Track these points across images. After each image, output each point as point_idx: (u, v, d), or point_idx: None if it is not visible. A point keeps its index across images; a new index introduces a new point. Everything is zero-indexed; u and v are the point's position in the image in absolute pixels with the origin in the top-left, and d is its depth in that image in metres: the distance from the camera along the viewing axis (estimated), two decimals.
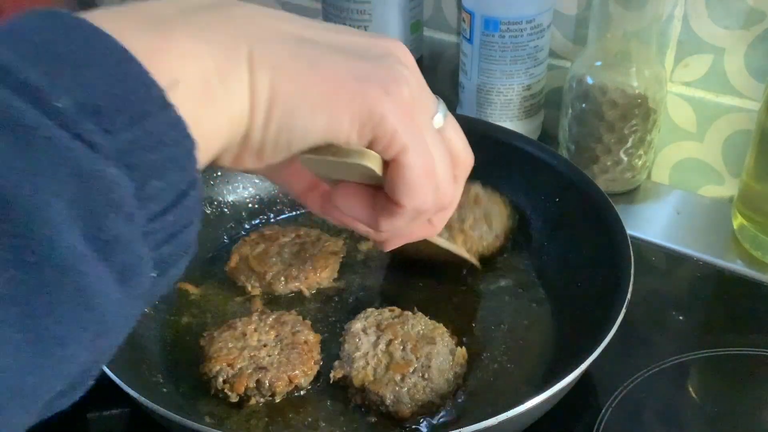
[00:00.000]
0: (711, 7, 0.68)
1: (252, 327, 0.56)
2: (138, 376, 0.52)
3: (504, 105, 0.74)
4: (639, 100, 0.68)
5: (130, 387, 0.46)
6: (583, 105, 0.70)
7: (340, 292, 0.63)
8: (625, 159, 0.71)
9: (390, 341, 0.54)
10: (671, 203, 0.74)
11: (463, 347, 0.55)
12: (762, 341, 0.59)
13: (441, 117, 0.38)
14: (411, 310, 0.57)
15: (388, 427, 0.51)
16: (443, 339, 0.55)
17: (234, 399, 0.52)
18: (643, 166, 0.73)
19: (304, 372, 0.53)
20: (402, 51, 0.36)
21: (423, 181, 0.35)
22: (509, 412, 0.44)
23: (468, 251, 0.61)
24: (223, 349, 0.54)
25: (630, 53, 0.67)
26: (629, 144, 0.70)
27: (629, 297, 0.51)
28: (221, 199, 0.68)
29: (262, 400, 0.53)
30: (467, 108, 0.76)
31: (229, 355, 0.54)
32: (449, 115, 0.39)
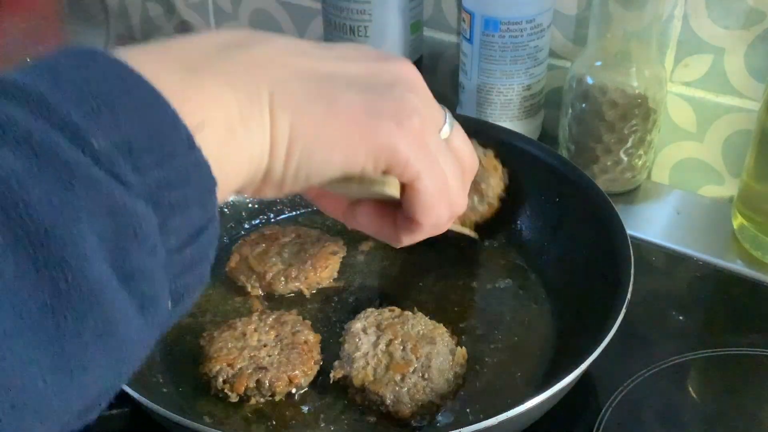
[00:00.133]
0: (711, 7, 0.68)
1: (252, 327, 0.56)
2: (138, 376, 0.51)
3: (504, 105, 0.74)
4: (639, 100, 0.68)
5: (130, 387, 0.46)
6: (583, 105, 0.70)
7: (340, 292, 0.63)
8: (625, 159, 0.71)
9: (390, 341, 0.54)
10: (671, 203, 0.74)
11: (463, 347, 0.55)
12: (762, 341, 0.59)
13: (448, 128, 0.40)
14: (411, 310, 0.57)
15: (388, 427, 0.51)
16: (443, 339, 0.55)
17: (234, 399, 0.52)
18: (643, 166, 0.73)
19: (304, 372, 0.53)
20: (408, 72, 0.38)
21: (437, 201, 0.39)
22: (509, 412, 0.44)
23: (462, 225, 0.62)
24: (223, 349, 0.54)
25: (630, 53, 0.67)
26: (629, 144, 0.70)
27: (629, 297, 0.51)
28: None
29: (262, 400, 0.53)
30: (467, 108, 0.76)
31: (229, 355, 0.54)
32: (455, 124, 0.41)
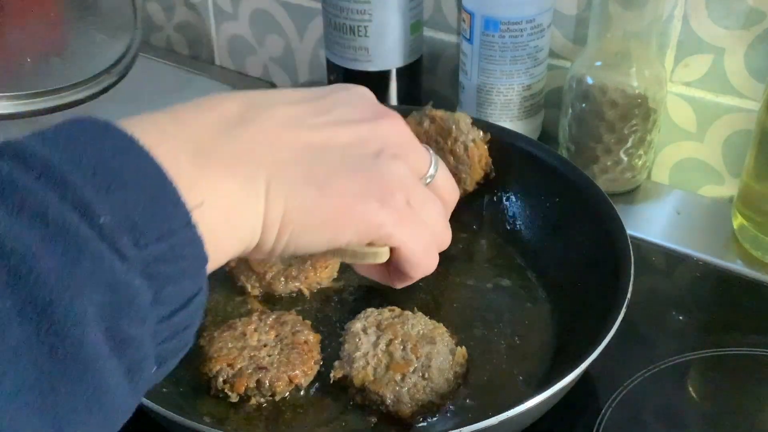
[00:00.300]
0: (711, 7, 0.68)
1: (252, 327, 0.56)
2: None
3: (504, 105, 0.75)
4: (639, 100, 0.68)
5: None
6: (583, 105, 0.70)
7: (340, 292, 0.63)
8: (625, 159, 0.71)
9: (390, 341, 0.54)
10: (671, 203, 0.74)
11: (463, 347, 0.55)
12: (762, 341, 0.59)
13: (433, 170, 0.43)
14: (411, 310, 0.57)
15: (388, 427, 0.51)
16: (443, 339, 0.55)
17: (234, 399, 0.52)
18: (643, 166, 0.73)
19: (304, 372, 0.53)
20: (393, 131, 0.40)
21: (424, 257, 0.42)
22: (509, 411, 0.44)
23: None
24: (223, 349, 0.54)
25: (630, 53, 0.67)
26: (629, 144, 0.70)
27: (629, 296, 0.51)
28: None
29: (262, 400, 0.53)
30: (467, 108, 0.76)
31: (229, 355, 0.54)
32: (440, 163, 0.43)
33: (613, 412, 0.53)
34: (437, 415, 0.52)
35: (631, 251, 0.55)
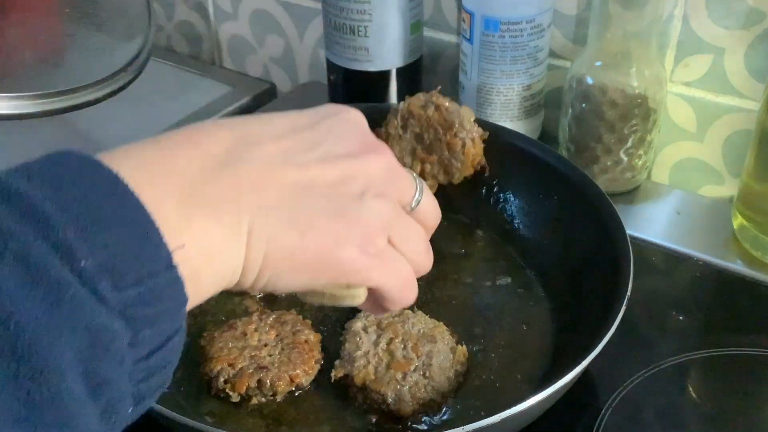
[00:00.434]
0: (711, 7, 0.68)
1: (252, 327, 0.56)
2: None
3: (504, 105, 0.75)
4: (639, 100, 0.68)
5: None
6: (583, 105, 0.70)
7: None
8: (625, 159, 0.71)
9: (391, 340, 0.54)
10: (671, 203, 0.74)
11: (464, 345, 0.55)
12: (762, 341, 0.59)
13: (419, 195, 0.42)
14: (411, 309, 0.57)
15: (389, 426, 0.51)
16: (443, 337, 0.55)
17: (235, 399, 0.53)
18: (643, 166, 0.73)
19: (305, 371, 0.54)
20: (379, 166, 0.40)
21: (403, 292, 0.41)
22: (510, 410, 0.44)
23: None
24: (224, 349, 0.54)
25: (630, 53, 0.67)
26: (629, 144, 0.70)
27: (629, 294, 0.51)
28: None
29: (263, 399, 0.53)
30: None
31: (230, 355, 0.54)
32: (424, 188, 0.43)
33: (613, 412, 0.53)
34: (438, 414, 0.52)
35: (631, 250, 0.55)
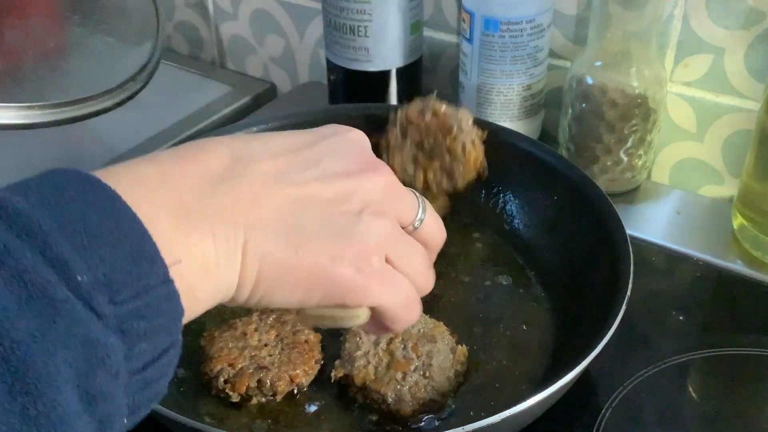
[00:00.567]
0: (711, 7, 0.68)
1: (252, 327, 0.56)
2: None
3: (504, 105, 0.75)
4: (639, 100, 0.68)
5: None
6: (583, 105, 0.70)
7: None
8: (625, 159, 0.71)
9: (390, 340, 0.54)
10: (671, 203, 0.74)
11: (464, 345, 0.55)
12: (762, 341, 0.59)
13: (421, 214, 0.42)
14: None
15: (389, 426, 0.51)
16: (443, 337, 0.55)
17: (235, 399, 0.53)
18: (643, 166, 0.73)
19: (305, 371, 0.54)
20: (379, 184, 0.39)
21: (404, 313, 0.40)
22: (510, 410, 0.44)
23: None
24: (224, 349, 0.54)
25: (630, 53, 0.67)
26: (629, 144, 0.70)
27: (629, 294, 0.51)
28: None
29: (263, 399, 0.53)
30: (467, 108, 0.76)
31: (230, 355, 0.54)
32: (428, 207, 0.42)
33: (613, 412, 0.53)
34: (438, 414, 0.52)
35: (631, 249, 0.55)
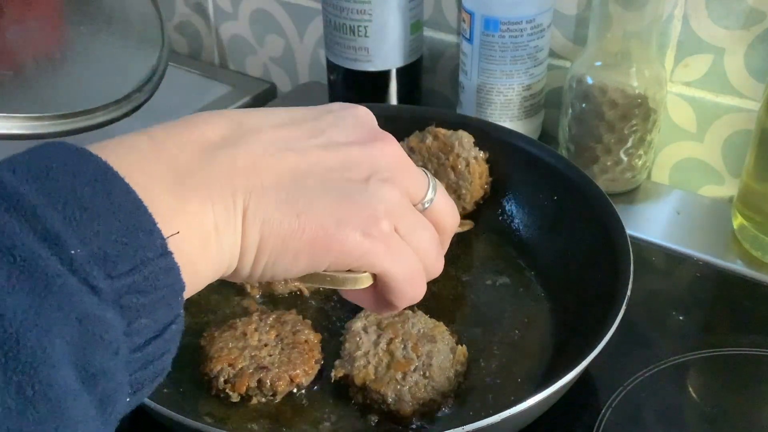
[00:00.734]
0: (711, 7, 0.68)
1: (252, 327, 0.56)
2: None
3: (504, 105, 0.75)
4: (639, 100, 0.68)
5: None
6: (583, 105, 0.70)
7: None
8: (625, 159, 0.71)
9: (391, 340, 0.54)
10: (671, 203, 0.74)
11: (464, 345, 0.55)
12: (762, 341, 0.59)
13: (432, 193, 0.40)
14: (411, 308, 0.57)
15: (389, 426, 0.51)
16: (443, 337, 0.55)
17: (235, 399, 0.53)
18: (643, 166, 0.73)
19: (305, 371, 0.54)
20: (387, 153, 0.38)
21: (410, 286, 0.39)
22: (510, 410, 0.44)
23: None
24: (224, 349, 0.54)
25: (630, 53, 0.67)
26: (629, 144, 0.70)
27: (629, 294, 0.51)
28: None
29: (263, 399, 0.53)
30: (467, 108, 0.76)
31: (230, 355, 0.54)
32: (438, 186, 0.41)
33: (613, 412, 0.53)
34: (438, 414, 0.52)
35: (631, 250, 0.55)
